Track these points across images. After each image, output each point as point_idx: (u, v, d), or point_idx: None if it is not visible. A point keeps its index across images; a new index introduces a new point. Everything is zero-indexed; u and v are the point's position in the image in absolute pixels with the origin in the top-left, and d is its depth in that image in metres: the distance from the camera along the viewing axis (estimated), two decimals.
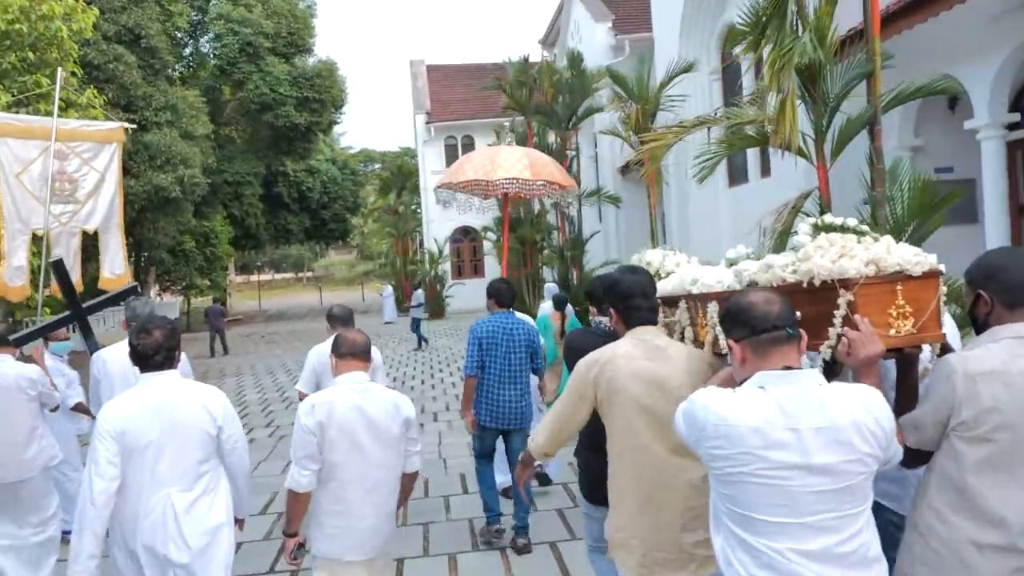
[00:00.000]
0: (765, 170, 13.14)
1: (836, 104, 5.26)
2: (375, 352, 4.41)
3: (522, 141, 19.99)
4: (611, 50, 19.79)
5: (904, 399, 2.13)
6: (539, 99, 16.49)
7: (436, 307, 27.66)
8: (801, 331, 1.94)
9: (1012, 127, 8.96)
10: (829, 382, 1.90)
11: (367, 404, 2.97)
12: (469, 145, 31.40)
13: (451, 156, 31.29)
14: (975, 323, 2.16)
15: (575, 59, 15.58)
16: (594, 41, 20.17)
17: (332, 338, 3.61)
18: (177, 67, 23.53)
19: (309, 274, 70.01)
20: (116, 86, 14.48)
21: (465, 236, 31.16)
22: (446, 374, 13.24)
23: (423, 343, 17.96)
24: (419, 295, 20.91)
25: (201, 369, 14.64)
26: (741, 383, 1.94)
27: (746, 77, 10.51)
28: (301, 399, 4.12)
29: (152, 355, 2.88)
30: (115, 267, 7.19)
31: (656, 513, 2.50)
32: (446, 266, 28.71)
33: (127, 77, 14.45)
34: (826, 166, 5.59)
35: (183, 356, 3.64)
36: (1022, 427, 1.93)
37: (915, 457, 2.05)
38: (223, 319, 20.72)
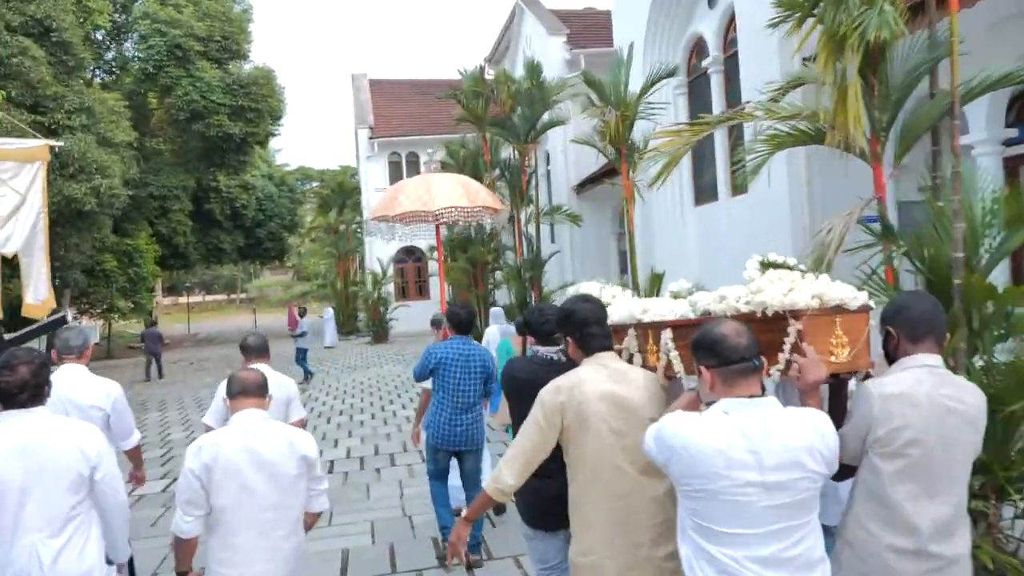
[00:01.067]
0: (739, 187, 12.38)
1: (902, 95, 4.30)
2: (288, 384, 4.50)
3: (474, 157, 18.95)
4: (566, 64, 18.96)
5: (835, 417, 2.27)
6: (496, 111, 15.44)
7: (379, 330, 26.18)
8: (764, 360, 2.16)
9: (1009, 143, 8.43)
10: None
11: (258, 443, 2.85)
12: (414, 162, 30.14)
13: (395, 173, 29.98)
14: (887, 355, 2.42)
15: (534, 69, 14.63)
16: (547, 55, 19.28)
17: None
18: (98, 72, 21.64)
19: (242, 296, 67.09)
20: (20, 83, 12.76)
21: (409, 256, 29.79)
22: (398, 406, 11.91)
23: (308, 377, 15.88)
24: (305, 324, 18.89)
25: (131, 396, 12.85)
26: (708, 404, 2.14)
27: (770, 64, 9.61)
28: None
29: (16, 393, 2.70)
30: (39, 293, 6.77)
31: (629, 532, 2.58)
32: (389, 287, 27.26)
33: (34, 74, 12.74)
34: (883, 169, 4.62)
35: (117, 389, 3.94)
36: (928, 443, 2.20)
37: (842, 471, 2.22)
38: (160, 343, 19.61)
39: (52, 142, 7.92)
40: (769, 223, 10.75)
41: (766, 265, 2.51)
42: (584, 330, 2.74)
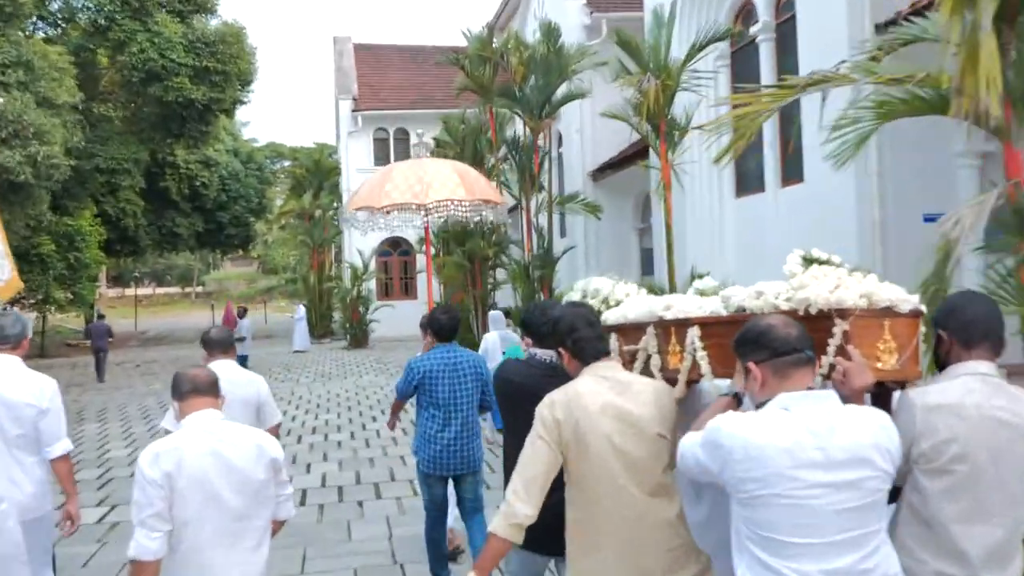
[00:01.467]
0: (791, 176, 11.99)
1: None
2: (258, 382, 4.53)
3: (475, 134, 18.54)
4: (585, 31, 18.50)
5: None
6: (504, 80, 15.02)
7: (358, 333, 25.73)
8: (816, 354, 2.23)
9: None
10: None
11: (225, 447, 2.84)
12: (403, 140, 29.72)
13: (381, 151, 29.60)
14: (937, 361, 2.47)
15: (551, 32, 14.21)
16: (564, 20, 18.85)
17: (211, 365, 3.82)
18: (40, 24, 21.16)
19: (199, 289, 66.49)
20: None
21: (395, 249, 29.37)
22: (381, 424, 11.44)
23: None
24: (245, 325, 18.77)
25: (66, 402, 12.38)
26: (759, 405, 2.21)
27: (837, 29, 9.21)
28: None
29: None
30: (1, 273, 6.92)
31: (637, 558, 2.60)
32: (371, 284, 26.80)
33: None
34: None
35: (54, 386, 3.98)
36: (978, 459, 2.22)
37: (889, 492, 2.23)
38: (109, 339, 19.32)
39: None
40: (830, 217, 10.33)
41: (809, 261, 2.54)
42: (573, 336, 2.77)
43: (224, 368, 4.39)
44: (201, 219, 31.90)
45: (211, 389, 2.98)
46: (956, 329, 2.39)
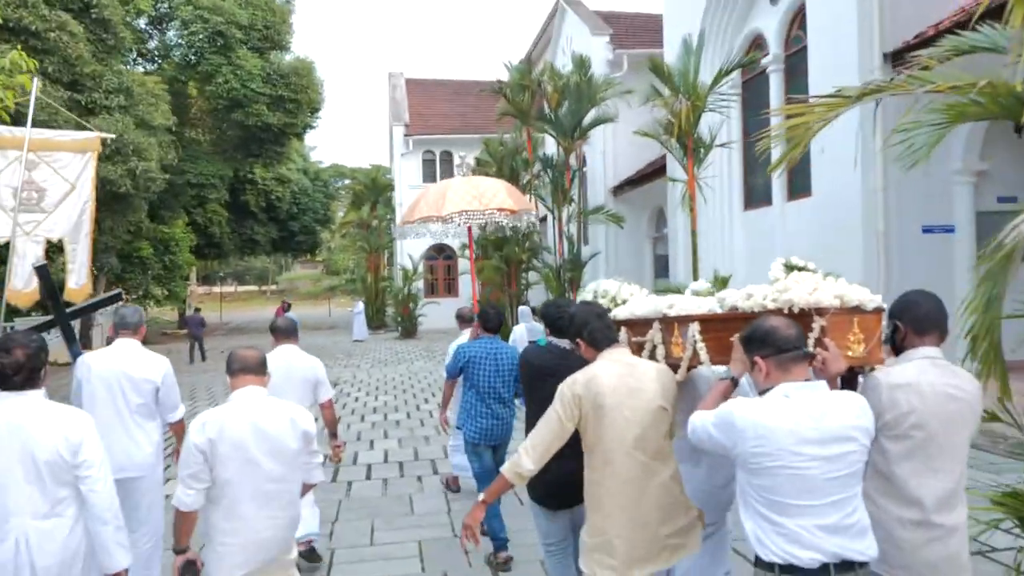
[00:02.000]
0: (798, 190, 11.32)
1: None
2: (316, 365, 4.64)
3: (512, 154, 18.00)
4: (608, 65, 17.87)
5: None
6: (539, 106, 14.46)
7: (408, 326, 25.29)
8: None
9: None
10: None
11: (262, 419, 2.82)
12: (448, 161, 29.25)
13: (428, 171, 29.13)
14: (893, 347, 2.54)
15: (583, 63, 13.62)
16: (589, 55, 18.29)
17: (275, 350, 4.37)
18: (140, 60, 20.94)
19: (273, 287, 66.61)
20: (58, 59, 11.95)
21: (439, 254, 28.91)
22: (433, 405, 10.92)
23: None
24: (291, 318, 17.14)
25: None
26: (762, 392, 2.28)
27: (848, 56, 8.58)
28: None
29: (11, 375, 2.62)
30: (80, 278, 6.91)
31: (637, 511, 2.67)
32: (419, 284, 26.35)
33: (72, 50, 11.93)
34: None
35: (167, 365, 4.14)
36: (931, 426, 2.35)
37: None
38: (203, 328, 19.94)
39: (104, 134, 8.13)
40: (836, 228, 9.70)
41: (790, 267, 2.67)
42: (588, 328, 2.82)
43: (288, 351, 4.58)
44: (275, 228, 31.67)
45: (258, 368, 2.94)
46: (911, 321, 2.49)
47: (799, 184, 11.48)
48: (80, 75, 12.43)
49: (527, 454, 2.70)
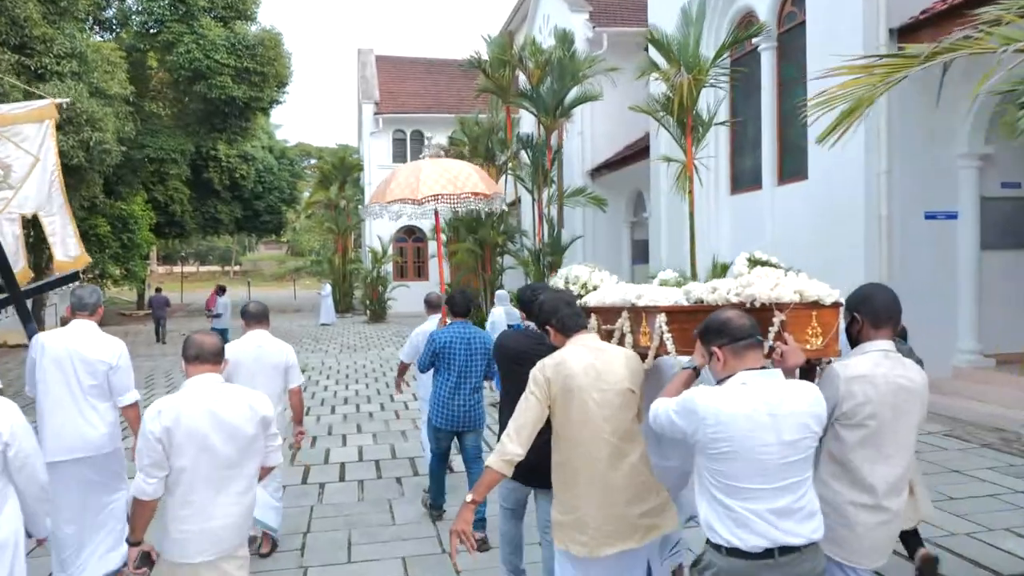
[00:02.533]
0: (790, 173, 10.92)
1: None
2: (286, 350, 4.60)
3: (488, 134, 17.36)
4: (588, 43, 17.26)
5: None
6: (518, 83, 13.81)
7: (377, 310, 24.55)
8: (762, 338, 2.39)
9: None
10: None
11: (218, 406, 2.79)
12: (419, 140, 28.38)
13: (399, 151, 28.26)
14: (850, 338, 2.63)
15: (565, 38, 13.01)
16: (573, 31, 17.64)
17: (245, 335, 4.51)
18: (96, 28, 19.65)
19: (236, 268, 64.91)
20: (5, 19, 10.90)
21: (409, 236, 28.11)
22: (408, 395, 10.17)
23: None
24: (221, 303, 16.07)
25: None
26: (720, 381, 2.33)
27: (852, 33, 8.08)
28: None
29: None
30: (69, 249, 6.77)
31: (605, 490, 2.71)
32: (388, 267, 25.56)
33: (20, 9, 10.88)
34: None
35: (122, 347, 4.11)
36: (884, 416, 2.46)
37: None
38: (167, 308, 19.32)
39: (58, 100, 7.96)
40: (835, 213, 9.30)
41: (753, 262, 2.77)
42: (558, 315, 2.86)
43: (259, 336, 4.53)
44: (240, 207, 30.49)
45: (214, 357, 2.88)
46: (868, 313, 2.55)
47: (790, 167, 11.08)
48: (29, 37, 11.38)
49: (511, 439, 2.70)
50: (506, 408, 3.25)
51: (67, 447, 3.91)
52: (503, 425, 3.07)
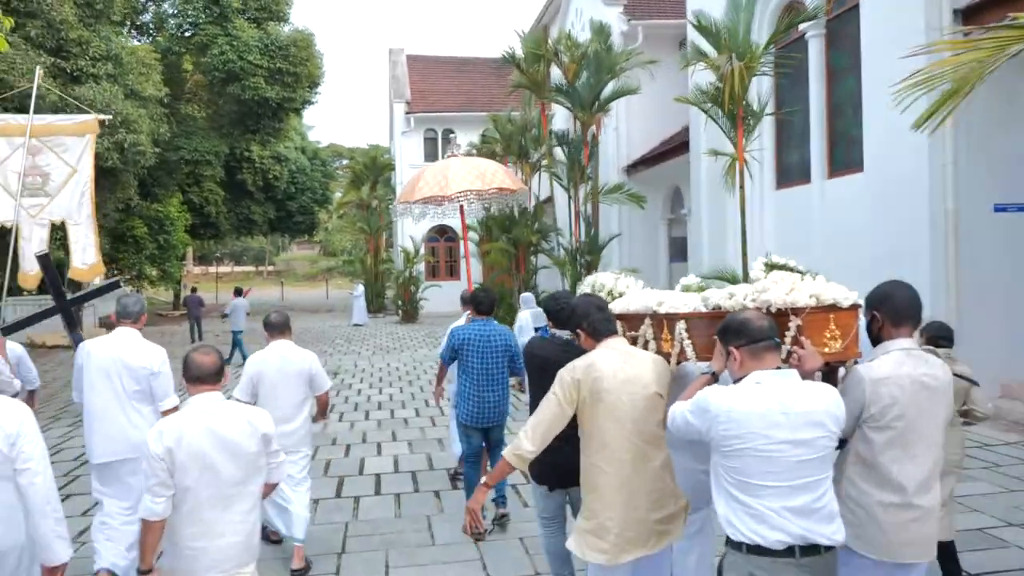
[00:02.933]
0: (842, 165, 10.40)
1: None
2: (310, 358, 4.60)
3: (521, 131, 17.03)
4: (623, 37, 16.81)
5: None
6: (550, 78, 13.44)
7: (410, 310, 24.36)
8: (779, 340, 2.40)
9: None
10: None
11: (219, 424, 2.78)
12: (450, 140, 28.23)
13: (430, 150, 28.06)
14: (871, 336, 2.61)
15: (602, 31, 12.61)
16: (609, 24, 17.17)
17: (269, 346, 4.55)
18: (133, 32, 19.75)
19: (270, 268, 65.53)
20: (41, 22, 10.88)
21: (441, 236, 27.92)
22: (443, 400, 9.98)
23: (231, 359, 13.95)
24: (237, 304, 14.98)
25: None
26: (737, 381, 2.36)
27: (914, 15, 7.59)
28: None
29: None
30: (87, 257, 7.00)
31: (630, 494, 2.73)
32: (420, 266, 25.36)
33: (56, 12, 10.85)
34: None
35: (164, 354, 4.24)
36: (911, 416, 2.45)
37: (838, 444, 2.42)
38: (202, 308, 19.36)
39: (103, 115, 8.22)
40: (896, 207, 8.78)
41: (770, 266, 2.74)
42: (589, 319, 2.90)
43: (282, 347, 4.55)
44: (273, 207, 30.59)
45: (213, 377, 2.87)
46: (889, 312, 2.53)
47: (841, 159, 10.55)
48: (65, 40, 11.35)
49: (527, 437, 2.76)
50: (535, 408, 3.29)
51: (114, 450, 4.09)
52: None
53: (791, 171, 11.94)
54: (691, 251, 14.21)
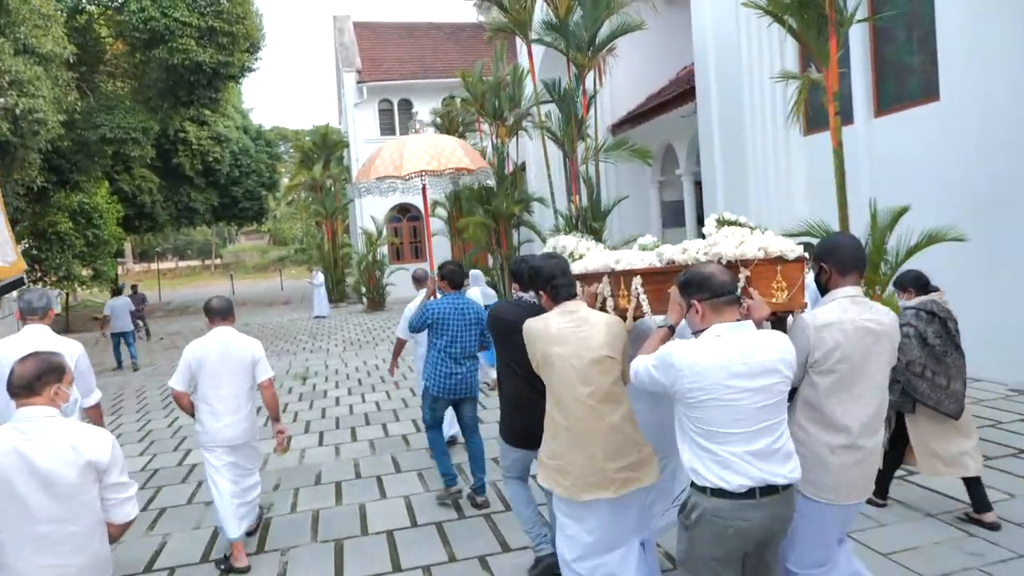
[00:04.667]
0: (902, 98, 8.67)
1: None
2: (252, 346, 4.33)
3: (495, 89, 14.92)
4: None
5: None
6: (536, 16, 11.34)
7: (375, 297, 22.12)
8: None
9: None
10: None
11: (31, 448, 2.32)
12: (407, 111, 25.78)
13: (386, 122, 25.66)
14: (819, 286, 2.74)
15: None
16: None
17: (209, 333, 4.29)
18: None
19: (217, 261, 61.89)
20: None
21: (404, 215, 25.64)
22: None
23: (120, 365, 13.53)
24: (110, 304, 13.64)
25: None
26: (697, 333, 2.45)
27: None
28: (174, 398, 4.25)
29: None
30: (6, 255, 6.41)
31: (586, 447, 2.86)
32: (383, 249, 23.09)
33: None
34: None
35: (80, 349, 3.97)
36: (854, 359, 2.55)
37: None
38: (143, 306, 17.63)
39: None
40: (968, 146, 7.13)
41: (722, 223, 2.77)
42: (552, 282, 3.00)
43: (224, 334, 4.27)
44: (216, 194, 27.71)
45: (34, 386, 2.39)
46: (835, 263, 2.65)
47: (897, 90, 8.83)
48: None
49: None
50: (504, 377, 3.55)
51: None
52: (503, 394, 3.61)
53: (821, 115, 10.16)
54: (706, 216, 12.34)
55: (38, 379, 2.41)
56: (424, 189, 6.26)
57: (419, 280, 6.68)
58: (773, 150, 10.93)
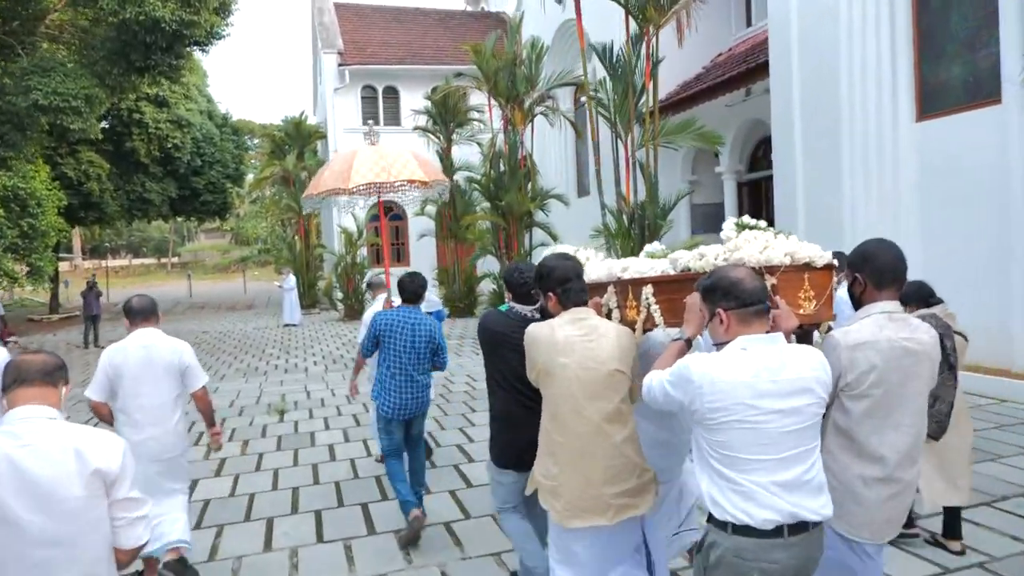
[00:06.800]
0: None
1: None
2: (181, 348, 3.88)
3: (510, 65, 12.57)
4: None
5: None
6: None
7: (354, 303, 19.49)
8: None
9: None
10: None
11: (25, 454, 1.89)
12: (392, 99, 23.28)
13: (369, 110, 23.07)
14: (852, 299, 2.45)
15: None
16: None
17: (129, 335, 3.78)
18: None
19: (174, 259, 58.08)
20: None
21: (387, 214, 23.03)
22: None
23: None
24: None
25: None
26: (719, 345, 2.12)
27: None
28: (92, 409, 3.76)
29: None
30: None
31: (585, 468, 2.60)
32: (363, 251, 20.48)
33: None
34: None
35: (3, 355, 3.61)
36: (891, 383, 2.26)
37: None
38: (100, 305, 15.71)
39: None
40: None
41: (741, 226, 2.54)
42: (565, 285, 2.73)
43: (145, 335, 3.84)
44: (174, 184, 24.69)
45: (43, 378, 2.01)
46: (870, 274, 2.38)
47: None
48: None
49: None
50: (492, 388, 3.25)
51: None
52: (492, 406, 3.23)
53: (949, 91, 8.06)
54: (779, 215, 10.14)
55: (51, 372, 2.05)
56: (381, 204, 5.67)
57: (375, 287, 6.36)
58: (877, 138, 8.79)
